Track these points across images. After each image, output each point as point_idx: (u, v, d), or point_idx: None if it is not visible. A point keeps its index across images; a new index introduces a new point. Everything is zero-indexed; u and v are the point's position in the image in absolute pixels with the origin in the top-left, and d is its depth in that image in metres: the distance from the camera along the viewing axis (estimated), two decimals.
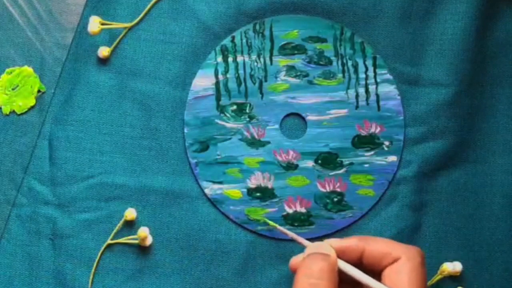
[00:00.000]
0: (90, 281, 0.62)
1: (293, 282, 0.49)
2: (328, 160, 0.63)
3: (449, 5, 0.63)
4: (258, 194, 0.63)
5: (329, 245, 0.51)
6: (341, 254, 0.51)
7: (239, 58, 0.64)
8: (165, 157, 0.63)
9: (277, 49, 0.64)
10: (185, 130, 0.63)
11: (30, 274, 0.63)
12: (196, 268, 0.63)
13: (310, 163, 0.63)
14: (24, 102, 0.64)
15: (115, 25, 0.64)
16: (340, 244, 0.51)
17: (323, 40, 0.64)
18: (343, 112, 0.63)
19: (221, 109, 0.63)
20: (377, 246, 0.50)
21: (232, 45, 0.64)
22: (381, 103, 0.63)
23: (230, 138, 0.63)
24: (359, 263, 0.51)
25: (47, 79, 0.65)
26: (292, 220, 0.62)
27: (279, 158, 0.63)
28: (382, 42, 0.64)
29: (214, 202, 0.63)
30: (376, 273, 0.50)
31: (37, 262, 0.63)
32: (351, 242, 0.51)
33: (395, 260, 0.49)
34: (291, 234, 0.54)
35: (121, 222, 0.62)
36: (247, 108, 0.63)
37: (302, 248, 0.56)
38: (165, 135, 0.63)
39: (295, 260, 0.52)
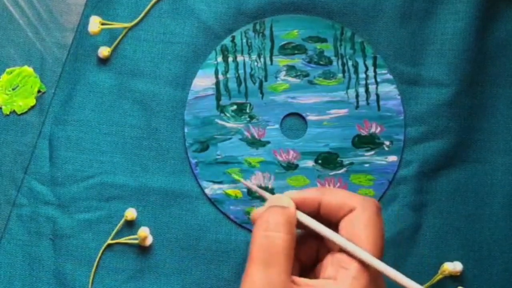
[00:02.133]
0: (90, 281, 0.62)
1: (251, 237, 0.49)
2: (328, 160, 0.63)
3: (449, 5, 0.63)
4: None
5: (289, 198, 0.50)
6: (301, 206, 0.50)
7: (239, 58, 0.64)
8: (165, 157, 0.63)
9: (277, 49, 0.64)
10: (185, 130, 0.63)
11: (30, 274, 0.63)
12: (196, 268, 0.63)
13: (310, 163, 0.63)
14: (24, 102, 0.64)
15: (115, 25, 0.64)
16: (298, 195, 0.51)
17: (323, 40, 0.64)
18: (343, 112, 0.63)
19: (221, 109, 0.63)
20: (333, 197, 0.50)
21: (232, 45, 0.64)
22: (381, 103, 0.63)
23: (230, 138, 0.63)
24: (317, 214, 0.50)
25: (47, 79, 0.65)
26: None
27: (279, 158, 0.63)
28: (382, 42, 0.64)
29: (214, 202, 0.63)
30: (333, 224, 0.50)
31: (37, 262, 0.63)
32: (309, 194, 0.50)
33: (351, 211, 0.49)
34: (254, 187, 0.54)
35: (121, 222, 0.62)
36: (247, 108, 0.63)
37: None
38: (165, 135, 0.63)
39: (256, 213, 0.51)
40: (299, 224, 0.50)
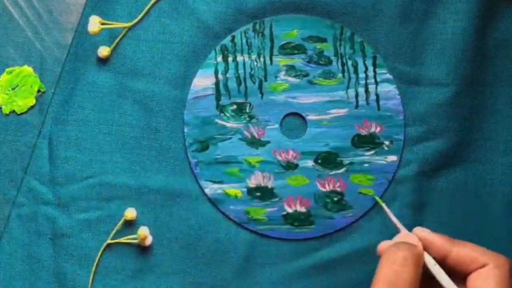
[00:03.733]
0: (90, 281, 0.62)
1: (376, 268, 0.50)
2: (328, 160, 0.63)
3: (449, 4, 0.63)
4: (258, 193, 0.63)
5: (417, 238, 0.52)
6: (427, 248, 0.52)
7: (239, 58, 0.64)
8: (165, 156, 0.63)
9: (277, 49, 0.64)
10: (185, 130, 0.63)
11: (30, 274, 0.63)
12: (196, 268, 0.63)
13: (310, 163, 0.63)
14: (24, 102, 0.64)
15: (115, 25, 0.64)
16: (427, 236, 0.52)
17: (323, 40, 0.64)
18: (343, 111, 0.63)
19: (221, 108, 0.63)
20: (464, 250, 0.51)
21: (232, 45, 0.64)
22: (381, 102, 0.63)
23: (230, 138, 0.63)
24: (441, 263, 0.51)
25: (47, 79, 0.65)
26: (292, 220, 0.62)
27: (279, 158, 0.63)
28: (382, 42, 0.64)
29: (214, 202, 0.63)
30: (458, 276, 0.51)
31: (37, 262, 0.63)
32: (438, 240, 0.51)
33: (482, 266, 0.50)
34: (393, 218, 0.56)
35: (121, 221, 0.62)
36: (247, 107, 0.63)
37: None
38: (165, 135, 0.63)
39: (383, 245, 0.53)
40: (423, 267, 0.51)
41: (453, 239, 0.52)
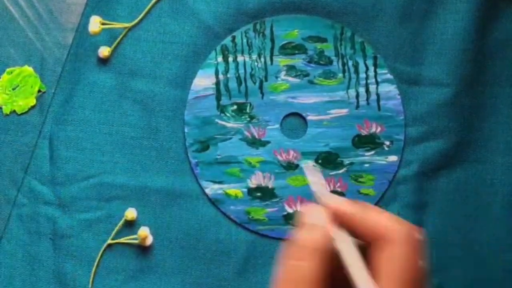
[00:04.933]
0: (90, 281, 0.62)
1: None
2: (328, 160, 0.63)
3: (449, 5, 0.63)
4: (258, 194, 0.63)
5: (322, 212, 0.43)
6: (338, 218, 0.43)
7: (240, 58, 0.64)
8: (166, 157, 0.63)
9: (277, 49, 0.64)
10: (186, 130, 0.63)
11: (30, 274, 0.63)
12: (196, 268, 0.63)
13: (310, 163, 0.63)
14: (24, 102, 0.64)
15: (116, 25, 0.64)
16: (337, 206, 0.43)
17: (323, 40, 0.64)
18: (343, 111, 0.63)
19: (221, 109, 0.63)
20: (372, 220, 0.43)
21: (233, 45, 0.64)
22: (382, 102, 0.63)
23: (230, 138, 0.63)
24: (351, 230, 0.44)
25: (47, 79, 0.65)
26: (293, 220, 0.62)
27: (280, 158, 0.63)
28: (382, 42, 0.64)
29: (214, 202, 0.63)
30: (366, 245, 0.43)
31: (37, 262, 0.63)
32: (350, 210, 0.43)
33: (387, 241, 0.42)
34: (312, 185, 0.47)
35: (122, 222, 0.62)
36: (248, 108, 0.63)
37: None
38: (166, 135, 0.63)
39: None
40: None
41: (365, 206, 0.44)
